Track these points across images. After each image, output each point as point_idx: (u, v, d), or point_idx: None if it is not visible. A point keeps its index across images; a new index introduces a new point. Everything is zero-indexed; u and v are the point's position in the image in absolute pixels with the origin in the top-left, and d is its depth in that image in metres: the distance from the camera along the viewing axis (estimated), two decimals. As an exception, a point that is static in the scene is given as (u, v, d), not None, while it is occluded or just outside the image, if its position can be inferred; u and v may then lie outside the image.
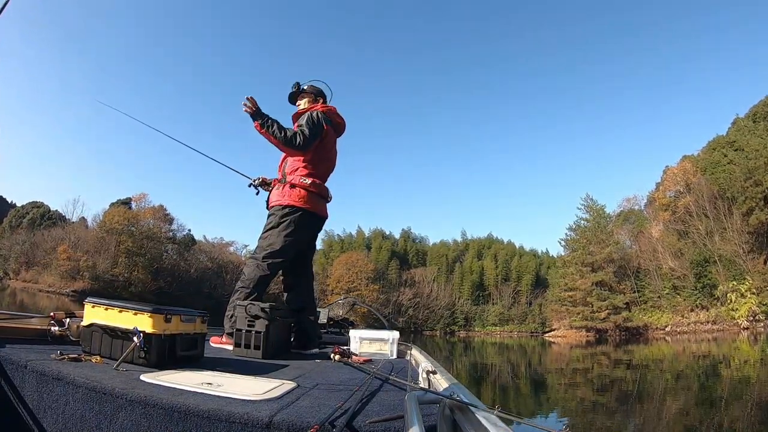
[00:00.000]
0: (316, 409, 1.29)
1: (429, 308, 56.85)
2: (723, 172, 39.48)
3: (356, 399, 1.37)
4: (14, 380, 1.48)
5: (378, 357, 2.78)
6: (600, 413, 6.98)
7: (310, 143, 2.89)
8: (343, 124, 3.24)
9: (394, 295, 55.85)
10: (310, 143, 2.90)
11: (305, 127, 2.88)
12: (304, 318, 3.06)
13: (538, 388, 10.65)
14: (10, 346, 1.69)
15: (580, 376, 12.41)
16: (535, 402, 8.59)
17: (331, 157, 3.20)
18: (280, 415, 1.19)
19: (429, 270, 61.61)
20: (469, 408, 1.06)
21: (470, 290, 59.57)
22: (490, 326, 56.38)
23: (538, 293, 57.30)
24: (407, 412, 1.05)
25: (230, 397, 1.32)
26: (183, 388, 1.39)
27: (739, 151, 39.44)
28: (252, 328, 2.47)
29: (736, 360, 15.20)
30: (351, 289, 50.32)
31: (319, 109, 3.05)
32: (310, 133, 2.87)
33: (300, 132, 2.85)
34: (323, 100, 3.26)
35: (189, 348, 1.96)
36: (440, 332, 54.34)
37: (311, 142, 2.90)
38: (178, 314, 1.88)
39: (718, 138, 44.20)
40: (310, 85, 3.25)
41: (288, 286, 3.15)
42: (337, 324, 4.64)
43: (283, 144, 2.82)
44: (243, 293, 2.84)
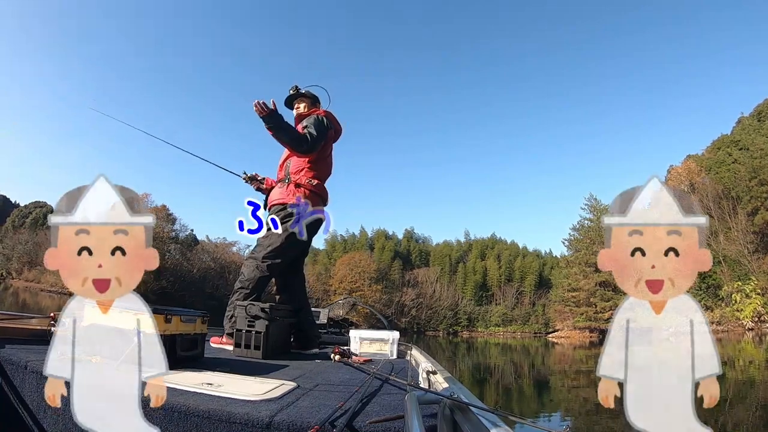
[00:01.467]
0: (317, 409, 1.29)
1: (432, 309, 56.81)
2: (728, 172, 39.29)
3: (356, 399, 1.37)
4: (14, 380, 1.48)
5: (378, 357, 2.77)
6: (603, 415, 6.93)
7: (317, 145, 2.93)
8: (341, 130, 3.28)
9: (396, 295, 55.83)
10: (317, 145, 2.94)
11: (312, 128, 2.92)
12: (304, 318, 3.06)
13: (542, 389, 10.61)
14: (10, 347, 1.69)
15: (584, 377, 12.36)
16: (538, 403, 8.56)
17: (331, 161, 3.23)
18: (280, 415, 1.19)
19: (432, 270, 61.60)
20: (469, 408, 1.05)
21: (473, 291, 59.50)
22: (493, 327, 56.29)
23: (541, 294, 57.21)
24: (407, 412, 1.05)
25: (230, 398, 1.32)
26: (183, 389, 1.39)
27: (744, 150, 39.27)
28: (252, 329, 2.47)
29: (741, 361, 15.10)
30: (354, 290, 50.30)
31: (321, 114, 3.10)
32: (317, 135, 2.92)
33: (308, 134, 2.89)
34: (320, 106, 3.29)
35: (189, 348, 1.96)
36: (443, 333, 54.24)
37: (318, 144, 2.94)
38: (178, 315, 1.88)
39: (723, 137, 44.03)
40: (308, 90, 3.27)
41: (282, 287, 3.15)
42: (337, 324, 4.64)
43: (291, 146, 2.88)
44: (242, 293, 2.84)
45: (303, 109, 3.19)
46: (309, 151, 2.91)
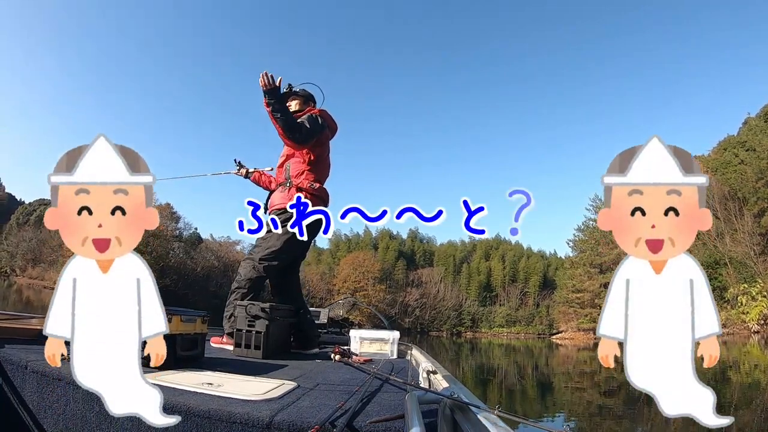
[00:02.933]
0: (317, 409, 1.29)
1: (435, 309, 56.73)
2: (734, 173, 38.94)
3: (356, 399, 1.37)
4: (15, 381, 1.48)
5: (378, 357, 2.77)
6: (607, 417, 6.90)
7: (309, 139, 2.89)
8: (336, 129, 3.24)
9: (400, 295, 55.81)
10: (310, 139, 2.89)
11: (307, 122, 2.89)
12: (304, 318, 3.06)
13: (545, 391, 10.56)
14: (10, 347, 1.70)
15: (587, 379, 12.29)
16: (541, 404, 8.52)
17: (329, 162, 3.21)
18: (280, 415, 1.19)
19: (436, 270, 61.55)
20: (469, 408, 1.05)
21: (477, 291, 59.41)
22: (497, 328, 56.16)
23: (545, 295, 57.01)
24: (407, 412, 1.05)
25: (230, 397, 1.32)
26: (183, 388, 1.39)
27: (750, 151, 38.91)
28: (252, 328, 2.47)
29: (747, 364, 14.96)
30: (357, 289, 50.33)
31: (316, 113, 3.06)
32: (311, 129, 2.88)
33: (302, 124, 2.85)
34: (313, 104, 3.26)
35: (189, 348, 1.97)
36: (447, 333, 54.14)
37: (311, 138, 2.90)
38: (179, 314, 1.88)
39: (729, 138, 43.61)
40: (302, 89, 3.25)
41: (277, 288, 3.14)
42: (338, 324, 4.63)
43: (284, 129, 2.77)
44: (239, 293, 2.84)
45: (295, 107, 3.17)
46: (301, 142, 2.85)
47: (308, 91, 3.27)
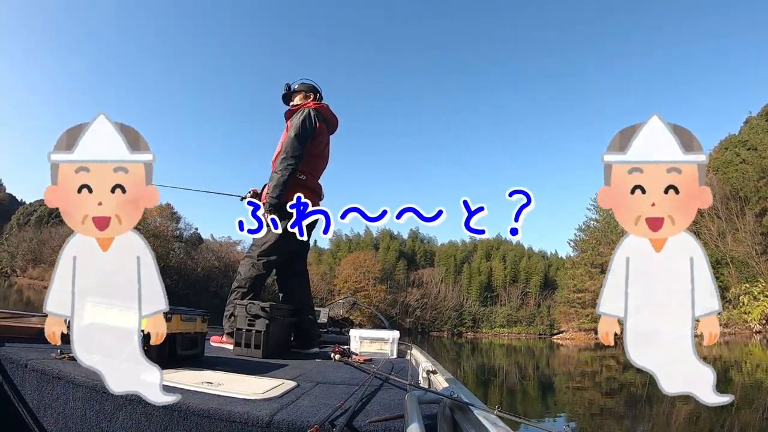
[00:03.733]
0: (317, 408, 1.29)
1: (436, 309, 56.73)
2: (735, 172, 38.86)
3: (356, 398, 1.37)
4: (14, 379, 1.48)
5: (378, 356, 2.77)
6: (608, 417, 6.89)
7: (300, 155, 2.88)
8: (336, 122, 3.24)
9: (401, 295, 55.81)
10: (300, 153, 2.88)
11: (293, 131, 2.88)
12: (304, 317, 3.05)
13: (546, 391, 10.54)
14: (10, 345, 1.70)
15: (589, 379, 12.27)
16: (542, 405, 8.51)
17: (325, 155, 3.19)
18: (280, 414, 1.19)
19: (437, 270, 61.55)
20: (469, 408, 1.04)
21: (478, 291, 59.39)
22: (498, 328, 56.15)
23: (546, 295, 56.98)
24: (407, 411, 1.04)
25: (230, 397, 1.32)
26: (183, 388, 1.39)
27: (752, 151, 38.82)
28: (252, 328, 2.47)
29: (748, 364, 14.92)
30: (358, 289, 50.32)
31: (311, 107, 3.04)
32: (299, 144, 2.87)
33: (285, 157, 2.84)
34: (314, 96, 3.25)
35: (189, 347, 1.97)
36: (447, 333, 54.11)
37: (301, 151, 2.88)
38: (179, 313, 1.88)
39: (731, 137, 43.48)
40: (301, 84, 3.26)
41: (283, 286, 3.14)
42: (338, 323, 4.63)
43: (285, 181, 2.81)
44: (240, 293, 2.84)
45: (296, 102, 3.18)
46: (298, 164, 2.86)
47: (308, 84, 3.27)
